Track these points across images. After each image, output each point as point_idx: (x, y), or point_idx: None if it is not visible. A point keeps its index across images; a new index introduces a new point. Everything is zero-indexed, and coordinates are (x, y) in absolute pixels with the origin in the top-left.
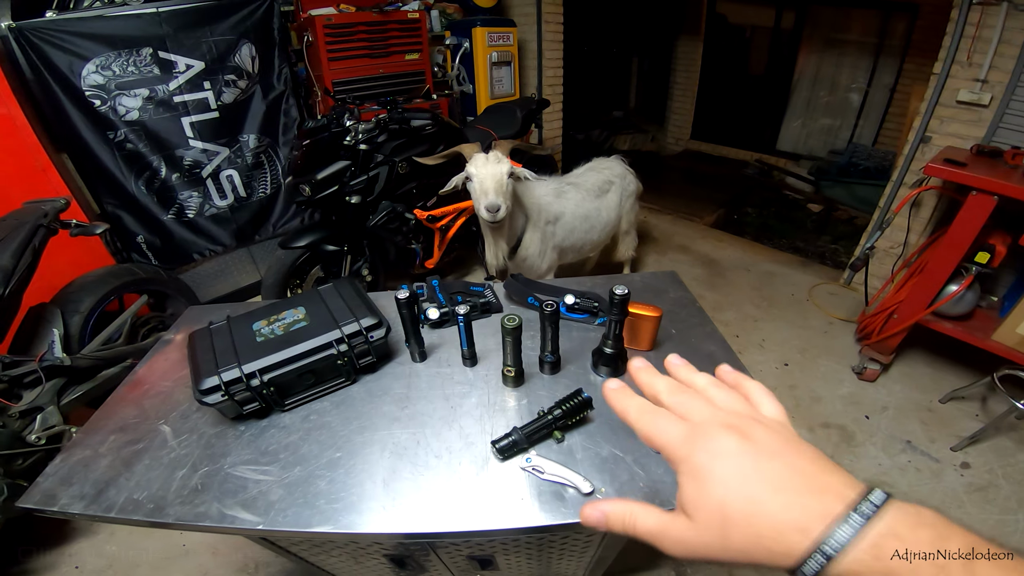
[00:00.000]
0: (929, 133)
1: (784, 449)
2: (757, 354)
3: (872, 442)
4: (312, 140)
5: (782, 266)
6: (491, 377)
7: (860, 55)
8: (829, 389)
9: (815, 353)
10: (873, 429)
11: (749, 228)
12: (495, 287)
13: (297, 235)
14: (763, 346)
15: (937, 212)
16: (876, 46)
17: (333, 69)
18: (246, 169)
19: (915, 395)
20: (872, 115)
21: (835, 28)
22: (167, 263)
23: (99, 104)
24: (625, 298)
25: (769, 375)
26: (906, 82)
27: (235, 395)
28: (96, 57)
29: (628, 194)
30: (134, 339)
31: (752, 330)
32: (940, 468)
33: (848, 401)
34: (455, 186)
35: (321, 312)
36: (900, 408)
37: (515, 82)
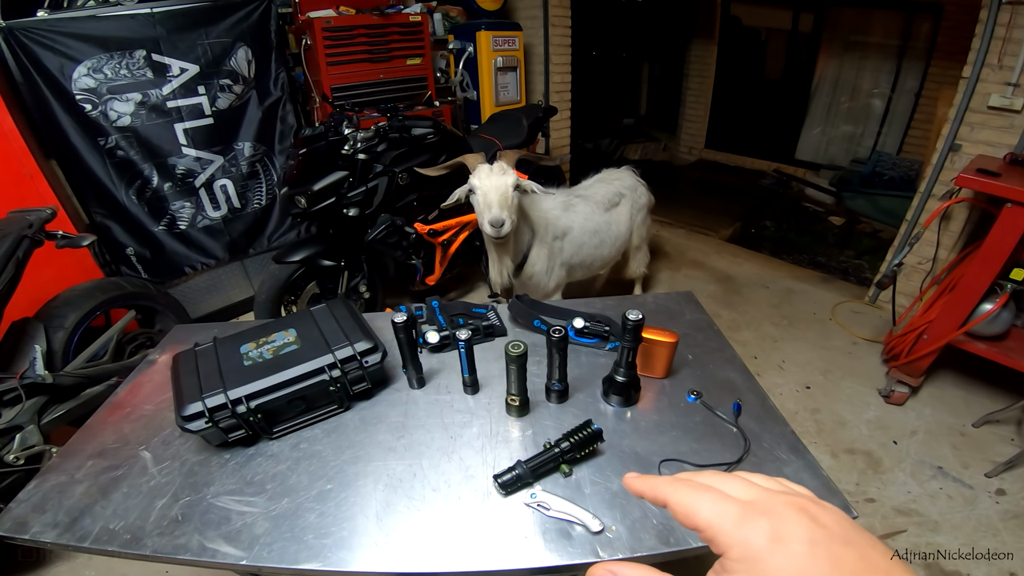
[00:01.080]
0: (959, 141)
1: (856, 538)
2: (777, 376)
3: (901, 468)
4: (309, 149)
5: (802, 283)
6: (494, 406)
7: (882, 58)
8: (854, 413)
9: (839, 375)
10: (902, 455)
11: (767, 242)
12: (499, 309)
13: (292, 249)
14: (783, 368)
15: (969, 226)
16: (899, 48)
17: (332, 74)
18: (241, 179)
19: (946, 419)
20: (896, 122)
21: (856, 30)
22: (157, 277)
23: (90, 108)
24: (639, 324)
25: (790, 398)
26: (932, 86)
27: (220, 422)
28: (88, 59)
29: (639, 207)
30: (120, 356)
31: (771, 351)
32: (974, 495)
33: (875, 426)
34: (458, 199)
35: (313, 335)
36: (930, 433)
37: (521, 88)
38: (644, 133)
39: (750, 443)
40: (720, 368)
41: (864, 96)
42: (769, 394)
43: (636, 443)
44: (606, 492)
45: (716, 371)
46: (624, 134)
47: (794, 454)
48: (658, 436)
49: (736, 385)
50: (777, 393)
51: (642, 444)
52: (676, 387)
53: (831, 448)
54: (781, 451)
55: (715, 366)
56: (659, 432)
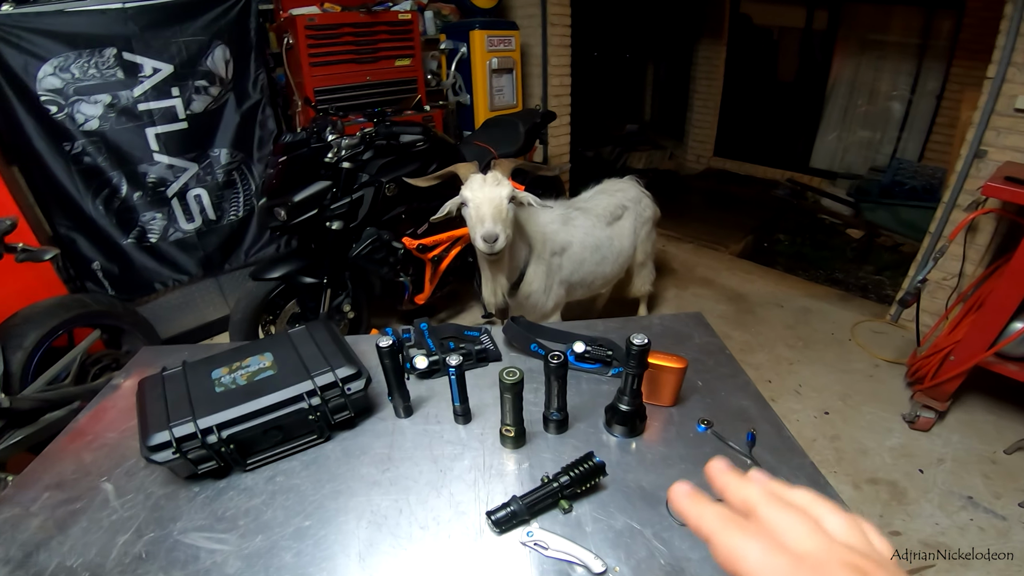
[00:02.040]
0: (984, 147)
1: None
2: (793, 402)
3: (927, 499)
4: (289, 156)
5: (819, 301)
6: (487, 437)
7: (902, 58)
8: (877, 440)
9: (859, 400)
10: (928, 484)
11: (781, 258)
12: (493, 332)
13: (270, 265)
14: (800, 392)
15: (997, 238)
16: (919, 47)
17: (315, 76)
18: (216, 188)
19: (976, 445)
20: (917, 126)
21: (873, 28)
22: (125, 293)
23: (55, 111)
24: (644, 349)
25: (807, 425)
26: (955, 88)
27: (188, 452)
28: (54, 57)
29: (644, 220)
30: (83, 379)
31: (787, 374)
32: (1007, 527)
33: (899, 453)
34: (449, 212)
35: (291, 360)
36: (959, 460)
37: (517, 92)
38: (649, 140)
39: None
40: (732, 395)
41: (883, 99)
42: (785, 421)
43: (642, 477)
44: (609, 530)
45: (728, 399)
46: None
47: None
48: (666, 469)
49: (750, 413)
50: (793, 420)
51: (648, 478)
52: (685, 416)
53: (852, 478)
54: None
55: (727, 393)
56: (667, 465)
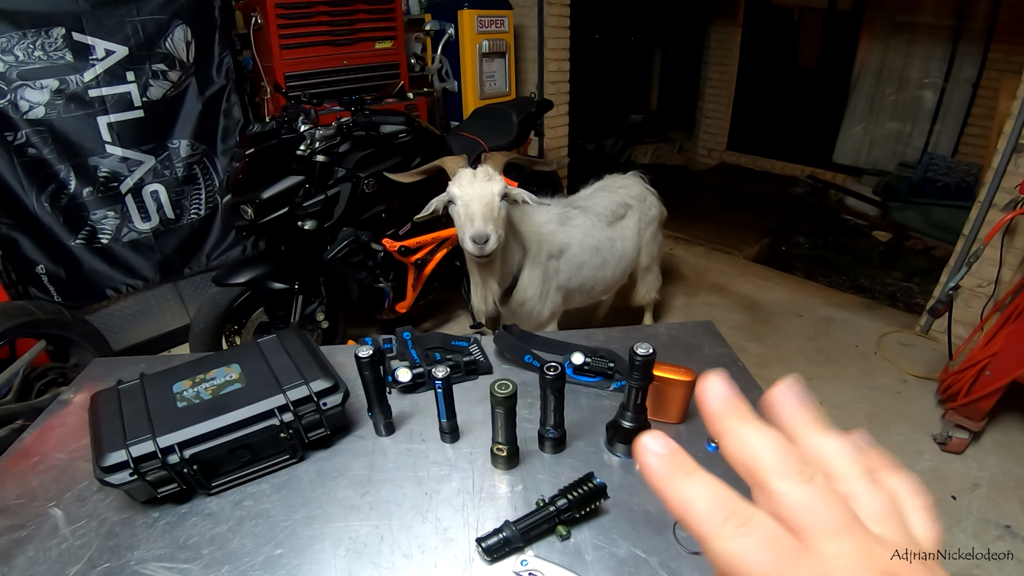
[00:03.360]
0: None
1: None
2: None
3: (961, 528)
4: (257, 149)
5: (842, 310)
6: (477, 456)
7: (934, 42)
8: (905, 463)
9: (886, 419)
10: (961, 512)
11: (800, 262)
12: (483, 342)
13: (236, 269)
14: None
15: None
16: (954, 31)
17: (286, 59)
18: (175, 184)
19: (1014, 469)
20: (951, 117)
21: (903, 9)
22: (73, 300)
23: None
24: (649, 360)
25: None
26: (992, 75)
27: (147, 474)
28: None
29: (649, 220)
30: (27, 395)
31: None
32: None
33: (930, 477)
34: (434, 211)
35: (261, 371)
36: (995, 485)
37: (510, 78)
38: (655, 132)
39: None
40: None
41: (913, 87)
42: None
43: (647, 500)
44: (611, 558)
45: None
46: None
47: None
48: None
49: None
50: None
51: (654, 501)
52: (694, 434)
53: None
54: None
55: None
56: None
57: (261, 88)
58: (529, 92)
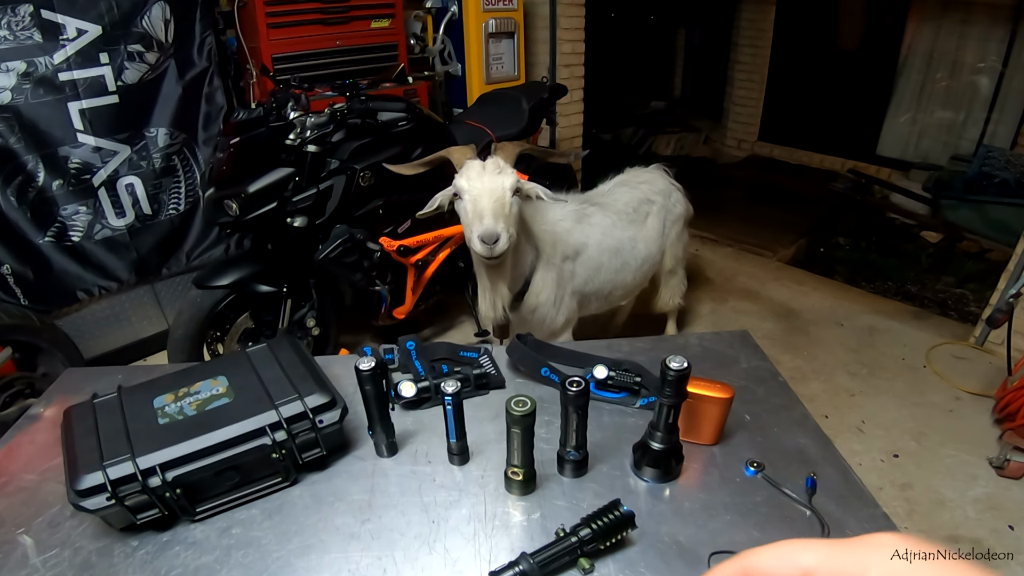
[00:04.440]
0: None
1: None
2: (855, 441)
3: (1019, 562)
4: (243, 138)
5: (888, 319)
6: (489, 480)
7: (992, 22)
8: (957, 489)
9: (937, 440)
10: (1020, 544)
11: (841, 266)
12: (493, 352)
13: (219, 270)
14: (863, 430)
15: None
16: (1014, 10)
17: (273, 39)
18: (153, 176)
19: None
20: (1010, 105)
21: None
22: (42, 304)
23: None
24: (683, 375)
25: (872, 470)
26: None
27: (126, 498)
28: None
29: (674, 218)
30: None
31: (847, 408)
32: None
33: (984, 506)
34: (439, 206)
35: (250, 385)
36: None
37: (519, 61)
38: (679, 121)
39: (829, 530)
40: (788, 432)
41: (968, 72)
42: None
43: (678, 530)
44: None
45: (783, 436)
46: (653, 122)
47: None
48: (707, 521)
49: (809, 454)
50: (855, 463)
51: (686, 531)
52: (730, 456)
53: (927, 536)
54: None
55: (781, 429)
56: (708, 516)
57: (246, 71)
58: (540, 76)
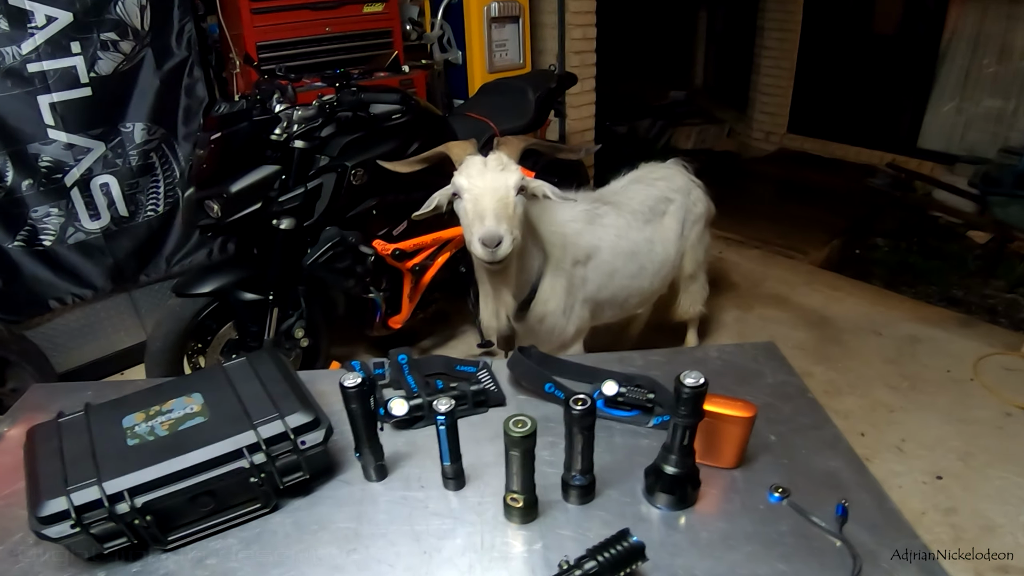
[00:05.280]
0: None
1: None
2: (894, 461)
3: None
4: (225, 133)
5: (931, 327)
6: (487, 507)
7: None
8: (1008, 514)
9: (985, 459)
10: None
11: (879, 269)
12: (494, 366)
13: (200, 276)
14: (903, 449)
15: None
16: None
17: (258, 26)
18: (129, 175)
19: None
20: None
21: None
22: (11, 313)
23: None
24: (699, 392)
25: (913, 493)
26: None
27: (92, 526)
28: None
29: (694, 218)
30: None
31: (886, 425)
32: None
33: None
34: (437, 207)
35: (227, 403)
36: None
37: (525, 48)
38: (700, 112)
39: (861, 563)
40: (817, 454)
41: (1018, 56)
42: (884, 485)
43: (694, 562)
44: None
45: (811, 458)
46: (672, 113)
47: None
48: (726, 553)
49: (840, 478)
50: (895, 486)
51: (703, 564)
52: (752, 481)
53: (975, 566)
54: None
55: (810, 451)
56: (727, 547)
57: (229, 61)
58: (548, 64)
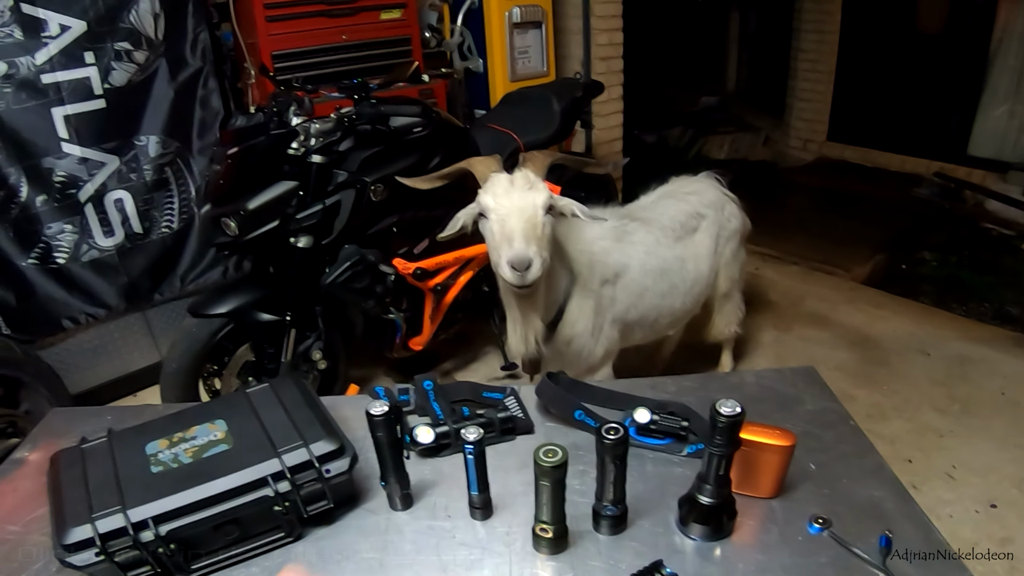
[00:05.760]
0: None
1: None
2: (944, 489)
3: None
4: (241, 147)
5: (983, 346)
6: (515, 537)
7: None
8: None
9: None
10: None
11: (927, 285)
12: (522, 392)
13: (216, 296)
14: (953, 476)
15: None
16: None
17: (273, 34)
18: (144, 190)
19: None
20: None
21: None
22: (24, 332)
23: None
24: (736, 421)
25: (965, 522)
26: None
27: (116, 554)
28: None
29: (728, 234)
30: None
31: (935, 451)
32: None
33: None
34: (463, 227)
35: (251, 430)
36: None
37: (549, 55)
38: (734, 119)
39: None
40: (859, 483)
41: None
42: (932, 516)
43: None
44: None
45: (853, 488)
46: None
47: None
48: None
49: (883, 508)
50: (945, 515)
51: None
52: (791, 512)
53: None
54: None
55: (851, 480)
56: None
57: (244, 71)
58: (573, 72)
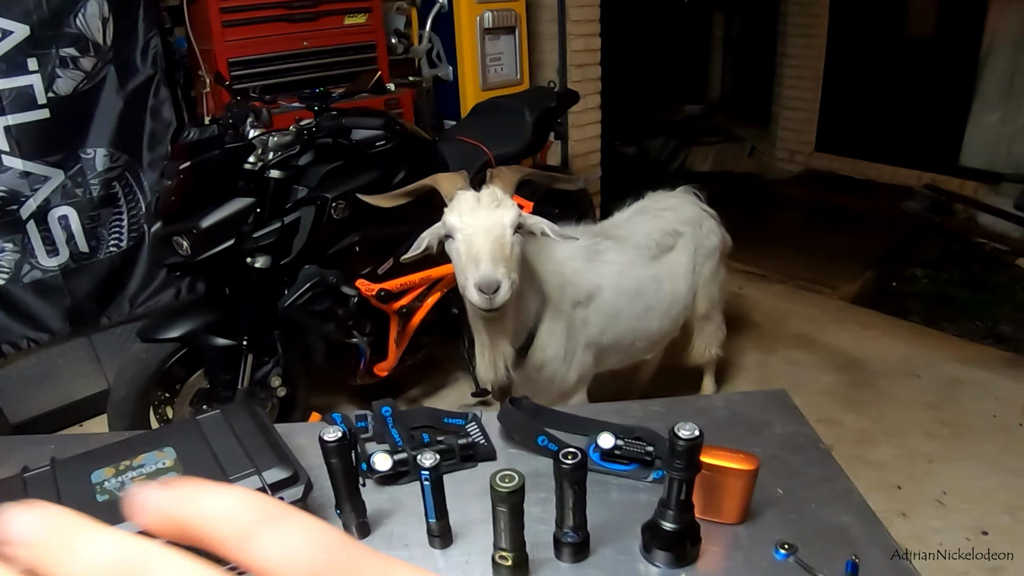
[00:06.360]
0: None
1: None
2: (934, 516)
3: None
4: (194, 161)
5: (975, 368)
6: (474, 566)
7: None
8: None
9: None
10: None
11: (917, 303)
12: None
13: (167, 320)
14: (943, 503)
15: None
16: None
17: (229, 40)
18: (90, 206)
19: None
20: None
21: None
22: None
23: None
24: (694, 444)
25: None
26: None
27: None
28: None
29: (707, 252)
30: None
31: (925, 476)
32: None
33: None
34: (428, 247)
35: (201, 457)
36: None
37: (522, 62)
38: (718, 129)
39: None
40: (827, 508)
41: None
42: (921, 544)
43: None
44: None
45: (820, 513)
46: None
47: None
48: None
49: (850, 534)
50: (934, 542)
51: None
52: (756, 537)
53: None
54: None
55: (819, 505)
56: None
57: (198, 79)
58: (547, 80)
